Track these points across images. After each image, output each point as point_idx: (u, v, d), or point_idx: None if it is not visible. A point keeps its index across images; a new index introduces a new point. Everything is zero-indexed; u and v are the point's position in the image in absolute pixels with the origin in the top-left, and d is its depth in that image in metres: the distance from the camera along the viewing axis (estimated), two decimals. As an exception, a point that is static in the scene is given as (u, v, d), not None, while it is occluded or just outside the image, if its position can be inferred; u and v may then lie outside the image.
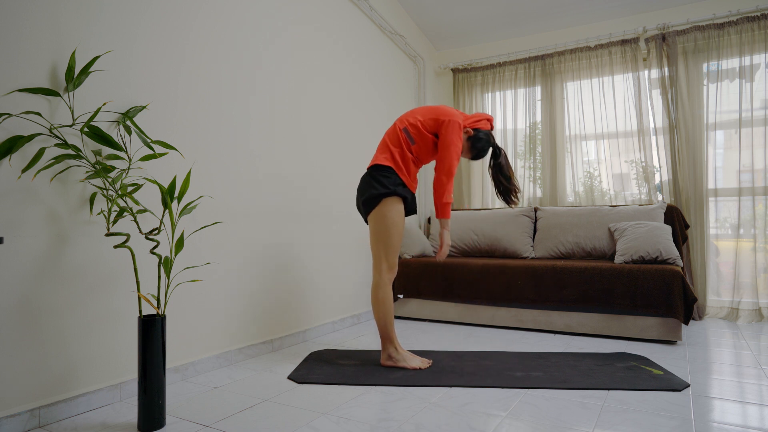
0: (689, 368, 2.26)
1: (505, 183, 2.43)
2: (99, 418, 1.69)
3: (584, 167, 4.02)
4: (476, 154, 2.41)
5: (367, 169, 2.32)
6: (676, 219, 3.34)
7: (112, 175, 1.78)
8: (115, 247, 1.70)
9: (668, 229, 3.10)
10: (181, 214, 1.81)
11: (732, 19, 3.46)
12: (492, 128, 2.47)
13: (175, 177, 1.76)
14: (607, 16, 3.92)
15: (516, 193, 2.43)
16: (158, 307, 1.67)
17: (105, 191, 1.75)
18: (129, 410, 1.77)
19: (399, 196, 2.23)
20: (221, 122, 2.35)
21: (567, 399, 1.87)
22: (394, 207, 2.23)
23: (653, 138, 3.74)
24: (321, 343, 2.81)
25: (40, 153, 1.57)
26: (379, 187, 2.21)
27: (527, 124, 4.25)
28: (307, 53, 2.94)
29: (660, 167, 3.69)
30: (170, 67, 2.11)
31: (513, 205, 2.46)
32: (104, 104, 1.74)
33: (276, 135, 2.68)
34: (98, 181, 1.79)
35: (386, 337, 2.29)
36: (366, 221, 2.34)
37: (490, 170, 2.46)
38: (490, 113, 4.48)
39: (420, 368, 2.24)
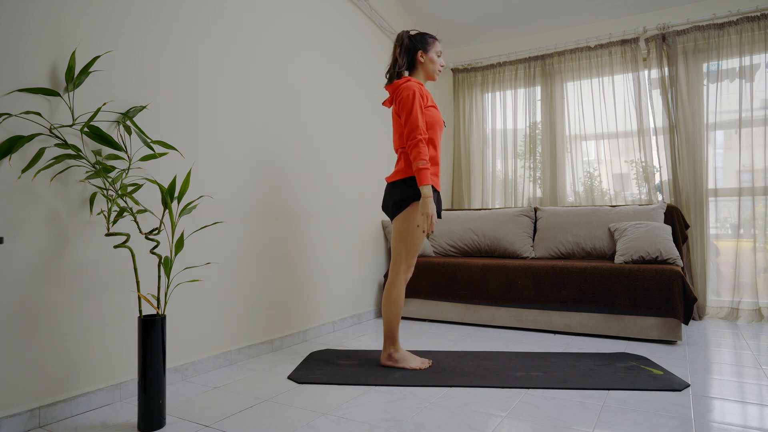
0: (689, 368, 2.26)
1: None
2: (99, 418, 1.69)
3: (584, 167, 4.02)
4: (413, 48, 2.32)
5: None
6: (676, 219, 3.34)
7: (112, 175, 1.78)
8: (115, 247, 1.70)
9: (668, 229, 3.10)
10: (181, 214, 1.81)
11: (732, 19, 3.46)
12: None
13: (175, 177, 1.76)
14: (607, 16, 3.92)
15: None
16: (158, 307, 1.67)
17: (105, 191, 1.75)
18: (129, 410, 1.77)
19: None
20: (221, 122, 2.35)
21: (567, 399, 1.87)
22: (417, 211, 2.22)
23: (653, 138, 3.74)
24: (321, 343, 2.81)
25: (40, 153, 1.57)
26: (409, 190, 2.22)
27: (527, 124, 4.25)
28: (306, 53, 2.94)
29: (660, 167, 3.69)
30: (170, 68, 2.11)
31: None
32: (104, 104, 1.74)
33: (276, 135, 2.68)
34: (98, 181, 1.79)
35: (390, 336, 2.29)
36: (392, 220, 2.34)
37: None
38: (489, 113, 4.48)
39: (420, 368, 2.24)
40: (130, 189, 1.83)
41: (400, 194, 2.23)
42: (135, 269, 1.67)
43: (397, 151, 2.32)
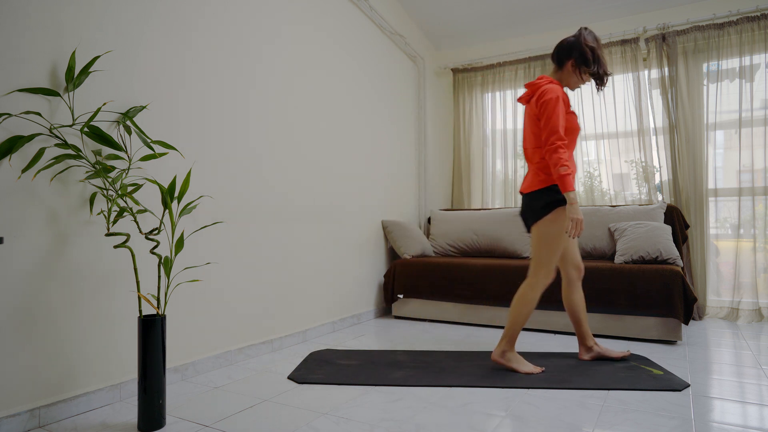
0: (689, 368, 2.26)
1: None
2: (99, 418, 1.69)
3: (584, 167, 4.02)
4: (585, 61, 2.32)
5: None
6: (676, 219, 3.34)
7: (112, 175, 1.78)
8: (115, 247, 1.70)
9: (668, 229, 3.10)
10: (181, 214, 1.81)
11: (732, 19, 3.46)
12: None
13: (175, 177, 1.76)
14: (607, 16, 3.92)
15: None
16: (158, 307, 1.67)
17: (105, 191, 1.75)
18: (129, 410, 1.77)
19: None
20: (221, 122, 2.35)
21: (567, 399, 1.87)
22: (564, 215, 2.19)
23: (653, 138, 3.74)
24: (321, 343, 2.81)
25: (40, 153, 1.57)
26: (554, 195, 2.20)
27: (527, 124, 4.24)
28: (306, 54, 2.94)
29: (660, 167, 3.69)
30: (170, 68, 2.11)
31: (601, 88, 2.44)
32: (104, 104, 1.74)
33: (276, 135, 2.68)
34: (98, 181, 1.79)
35: (510, 335, 2.23)
36: (529, 227, 2.30)
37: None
38: (489, 113, 4.48)
39: (532, 373, 2.18)
40: (130, 189, 1.83)
41: (546, 198, 2.19)
42: (135, 269, 1.67)
43: (527, 150, 2.30)
